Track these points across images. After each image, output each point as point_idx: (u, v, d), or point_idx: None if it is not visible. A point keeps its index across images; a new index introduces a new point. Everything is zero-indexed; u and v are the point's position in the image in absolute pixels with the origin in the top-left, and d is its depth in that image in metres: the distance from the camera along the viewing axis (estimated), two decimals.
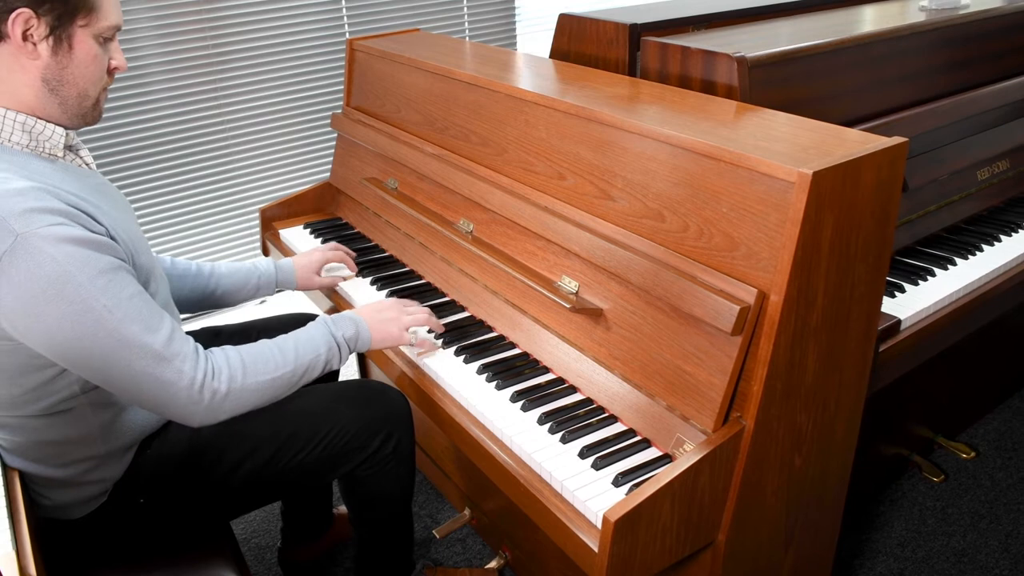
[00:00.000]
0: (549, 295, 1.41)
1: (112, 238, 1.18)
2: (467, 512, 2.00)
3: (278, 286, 1.73)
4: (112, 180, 2.85)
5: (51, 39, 1.15)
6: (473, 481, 1.95)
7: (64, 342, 1.12)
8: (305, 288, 1.78)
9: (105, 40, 1.22)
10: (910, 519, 2.05)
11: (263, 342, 1.34)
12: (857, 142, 1.19)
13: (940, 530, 2.02)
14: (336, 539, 2.03)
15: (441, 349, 1.54)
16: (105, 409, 1.28)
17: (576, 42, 1.93)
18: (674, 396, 1.23)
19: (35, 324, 1.10)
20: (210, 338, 1.67)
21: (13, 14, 1.11)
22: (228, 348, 1.29)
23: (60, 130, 1.22)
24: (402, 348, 1.57)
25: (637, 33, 1.77)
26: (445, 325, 1.60)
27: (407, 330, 1.50)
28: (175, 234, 3.04)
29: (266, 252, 2.19)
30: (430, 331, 1.57)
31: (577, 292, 1.41)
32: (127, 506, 1.37)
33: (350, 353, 1.43)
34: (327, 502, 1.97)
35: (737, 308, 1.12)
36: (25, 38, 1.13)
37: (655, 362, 1.26)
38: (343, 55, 3.17)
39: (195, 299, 1.65)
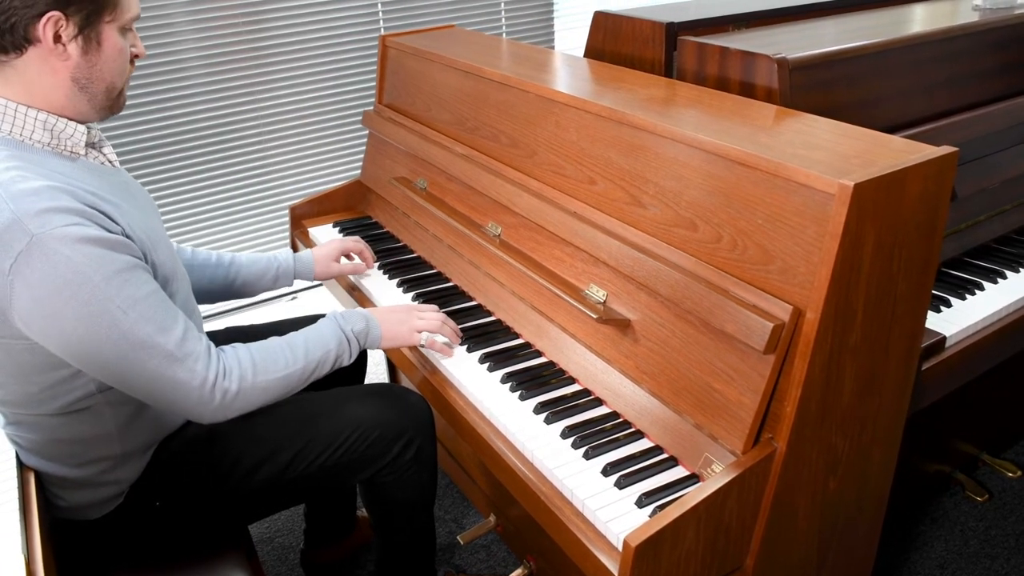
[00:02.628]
0: (576, 304, 1.36)
1: (128, 237, 1.17)
2: (492, 518, 1.97)
3: (296, 276, 1.73)
4: (144, 175, 2.86)
5: (80, 38, 1.14)
6: (498, 487, 1.92)
7: (78, 342, 1.11)
8: (323, 277, 1.78)
9: (126, 31, 1.21)
10: (951, 540, 1.97)
11: (273, 339, 1.34)
12: (903, 151, 1.12)
13: (983, 552, 1.94)
14: (359, 542, 2.01)
15: (465, 354, 1.51)
16: (122, 408, 1.27)
17: (611, 41, 1.88)
18: (703, 414, 1.18)
19: (50, 325, 1.10)
20: (234, 339, 1.65)
21: (43, 18, 1.10)
22: (239, 346, 1.29)
23: (82, 128, 1.21)
24: (424, 352, 1.54)
25: (674, 32, 1.71)
26: (471, 329, 1.57)
27: (418, 332, 1.49)
28: (206, 229, 3.04)
29: (295, 250, 2.17)
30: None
31: (605, 302, 1.36)
32: (143, 508, 1.35)
33: (360, 348, 1.43)
34: (351, 505, 1.95)
35: (770, 326, 1.06)
36: (56, 40, 1.12)
37: (684, 378, 1.21)
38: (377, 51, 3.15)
39: (215, 290, 1.65)
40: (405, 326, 1.48)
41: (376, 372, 2.77)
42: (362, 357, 1.83)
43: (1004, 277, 1.61)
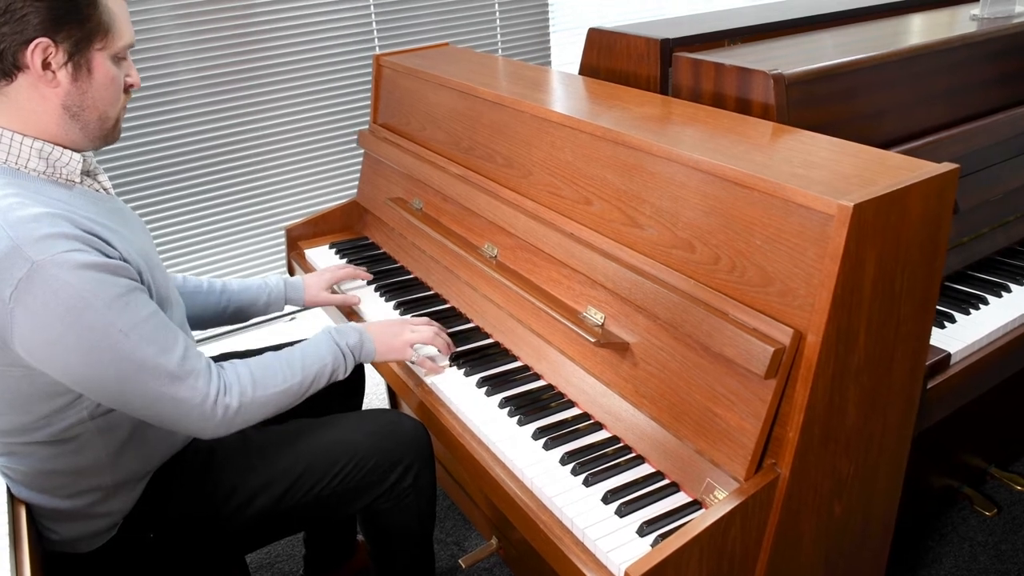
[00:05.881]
0: (574, 327, 1.34)
1: (126, 261, 1.17)
2: (494, 541, 1.94)
3: (287, 302, 1.74)
4: (139, 198, 2.85)
5: (70, 65, 1.14)
6: (500, 510, 1.89)
7: (81, 367, 1.11)
8: (313, 304, 1.79)
9: (120, 59, 1.21)
10: (960, 555, 1.94)
11: (270, 355, 1.34)
12: (903, 169, 1.10)
13: (992, 568, 1.90)
14: (359, 566, 1.98)
15: (463, 377, 1.49)
16: (112, 437, 1.26)
17: (606, 58, 1.86)
18: (704, 440, 1.15)
19: (52, 351, 1.09)
20: None
21: (32, 44, 1.10)
22: (237, 363, 1.29)
23: (77, 156, 1.21)
24: (417, 372, 1.53)
25: (669, 48, 1.70)
26: (469, 352, 1.55)
27: (411, 346, 1.49)
28: (202, 252, 3.02)
29: (291, 272, 2.16)
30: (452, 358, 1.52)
31: (603, 324, 1.34)
32: (137, 540, 1.33)
33: (355, 362, 1.43)
34: (351, 530, 1.93)
35: (771, 350, 1.04)
36: (45, 67, 1.12)
37: (684, 402, 1.19)
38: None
39: (208, 316, 1.64)
40: (398, 340, 1.49)
41: (375, 392, 2.74)
42: (359, 382, 1.81)
43: (1008, 291, 1.58)
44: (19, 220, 1.07)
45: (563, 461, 1.26)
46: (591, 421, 1.34)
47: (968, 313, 1.51)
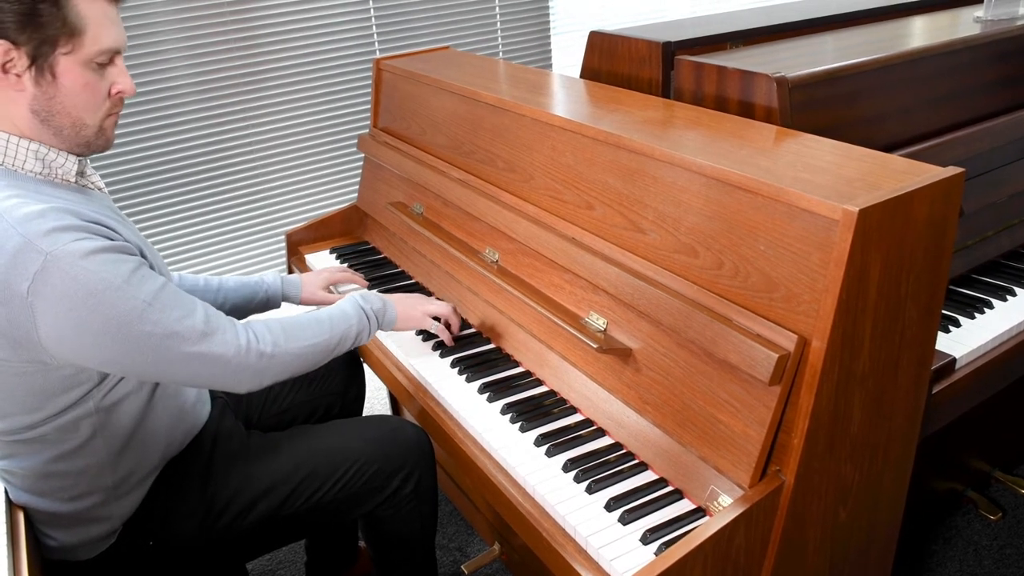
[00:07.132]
0: (576, 333, 1.33)
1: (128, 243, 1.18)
2: (497, 547, 1.93)
3: (284, 299, 1.76)
4: (139, 202, 2.85)
5: (33, 70, 1.11)
6: (502, 516, 1.88)
7: (114, 347, 1.11)
8: (309, 302, 1.80)
9: (100, 65, 1.16)
10: (965, 559, 1.93)
11: (296, 315, 1.37)
12: (908, 173, 1.09)
13: (997, 572, 1.89)
14: (361, 574, 1.97)
15: (464, 383, 1.48)
16: (114, 433, 1.26)
17: (607, 61, 1.85)
18: (708, 446, 1.14)
19: (81, 336, 1.09)
20: None
21: None
22: (267, 319, 1.32)
23: (72, 158, 1.20)
24: (423, 383, 1.52)
25: (671, 51, 1.69)
26: (470, 358, 1.55)
27: (429, 316, 1.56)
28: (202, 257, 3.02)
29: None
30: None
31: (605, 330, 1.33)
32: (137, 548, 1.33)
33: (378, 326, 1.47)
34: (352, 537, 1.92)
35: (775, 356, 1.03)
36: (6, 70, 1.10)
37: (687, 409, 1.18)
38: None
39: None
40: (418, 310, 1.55)
41: (377, 398, 2.74)
42: (360, 388, 1.80)
43: (1013, 294, 1.57)
44: (25, 217, 1.07)
45: (565, 468, 1.25)
46: (593, 427, 1.34)
47: (973, 317, 1.50)
